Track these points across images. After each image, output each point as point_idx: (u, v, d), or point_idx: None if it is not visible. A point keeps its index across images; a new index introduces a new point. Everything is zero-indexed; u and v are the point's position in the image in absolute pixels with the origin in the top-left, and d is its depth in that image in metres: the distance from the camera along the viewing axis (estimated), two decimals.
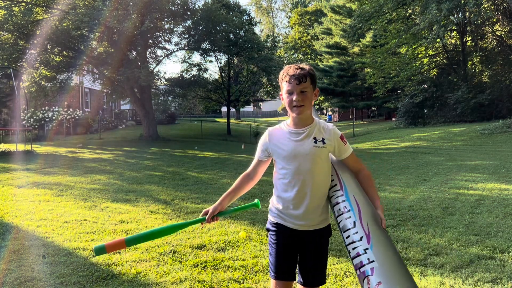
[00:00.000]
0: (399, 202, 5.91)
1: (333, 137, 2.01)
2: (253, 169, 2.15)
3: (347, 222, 1.86)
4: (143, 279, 3.26)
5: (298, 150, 1.97)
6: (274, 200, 2.09)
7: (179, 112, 41.31)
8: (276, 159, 2.04)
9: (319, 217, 2.02)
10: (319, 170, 1.98)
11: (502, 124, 16.30)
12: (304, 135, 1.99)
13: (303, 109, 1.96)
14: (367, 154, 13.20)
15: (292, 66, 2.00)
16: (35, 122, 23.69)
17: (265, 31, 64.67)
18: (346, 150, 2.05)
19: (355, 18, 23.07)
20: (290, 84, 1.96)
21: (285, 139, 2.01)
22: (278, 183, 2.05)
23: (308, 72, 1.97)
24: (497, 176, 7.59)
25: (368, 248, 1.73)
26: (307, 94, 1.96)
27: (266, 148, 2.08)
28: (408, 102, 25.10)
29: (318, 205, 2.00)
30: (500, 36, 24.00)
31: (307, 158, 1.95)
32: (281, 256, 2.04)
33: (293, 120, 2.03)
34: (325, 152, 1.99)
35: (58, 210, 5.56)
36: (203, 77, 24.97)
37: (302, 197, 1.97)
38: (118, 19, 15.72)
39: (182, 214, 5.41)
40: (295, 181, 1.97)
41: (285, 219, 2.03)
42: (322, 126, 2.04)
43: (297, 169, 1.96)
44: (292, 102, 1.96)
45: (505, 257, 3.60)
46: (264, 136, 2.10)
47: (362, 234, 1.78)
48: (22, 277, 3.24)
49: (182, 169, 10.02)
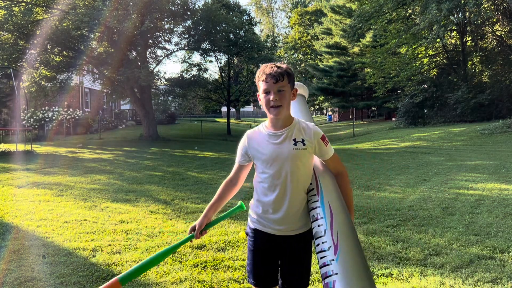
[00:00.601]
0: (399, 202, 5.91)
1: (313, 138, 1.92)
2: (235, 174, 2.08)
3: (319, 230, 1.81)
4: (143, 279, 3.26)
5: (277, 153, 1.89)
6: (253, 204, 2.03)
7: (179, 112, 41.34)
8: (256, 162, 1.97)
9: (299, 221, 1.94)
10: (300, 173, 1.90)
11: (502, 124, 16.30)
12: (283, 137, 1.91)
13: (281, 110, 1.88)
14: (367, 154, 13.20)
15: (269, 65, 1.92)
16: (35, 122, 23.69)
17: (265, 31, 64.69)
18: (327, 151, 1.96)
19: (355, 18, 23.07)
20: (266, 83, 1.88)
21: (264, 142, 1.94)
22: (258, 186, 1.99)
23: (285, 71, 1.90)
24: (497, 176, 7.59)
25: (334, 260, 1.68)
26: (285, 93, 1.88)
27: (245, 152, 2.00)
28: (408, 102, 25.09)
29: (298, 209, 1.93)
30: (500, 36, 24.00)
31: (287, 161, 1.88)
32: (259, 263, 1.98)
33: (271, 122, 1.95)
34: (306, 154, 1.91)
35: (58, 210, 5.56)
36: (203, 77, 24.97)
37: (281, 201, 1.90)
38: (118, 19, 15.72)
39: (182, 214, 5.42)
40: (275, 184, 1.90)
41: (264, 224, 1.97)
42: (302, 126, 1.95)
43: (277, 172, 1.89)
44: (269, 102, 1.88)
45: (505, 257, 3.60)
46: (242, 140, 2.03)
47: (330, 244, 1.73)
48: (22, 277, 3.24)
49: (182, 169, 10.02)
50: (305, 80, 44.25)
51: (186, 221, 5.07)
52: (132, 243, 4.16)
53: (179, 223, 4.97)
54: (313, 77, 43.64)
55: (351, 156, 12.72)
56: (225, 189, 2.08)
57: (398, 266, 3.49)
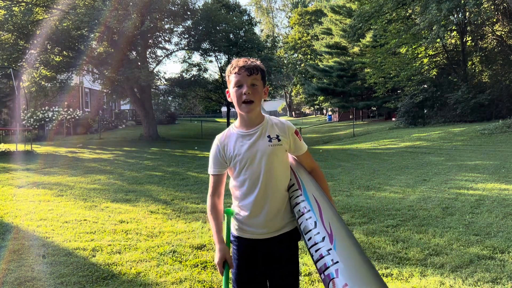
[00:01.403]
0: (399, 202, 5.91)
1: (287, 133, 1.86)
2: (215, 188, 1.92)
3: (308, 223, 1.74)
4: (143, 279, 3.26)
5: (253, 153, 1.81)
6: (235, 209, 1.93)
7: (179, 112, 41.33)
8: (232, 166, 1.86)
9: (282, 221, 1.86)
10: (277, 170, 1.83)
11: (502, 124, 16.29)
12: (256, 135, 1.83)
13: (253, 106, 1.80)
14: (367, 154, 13.20)
15: (242, 59, 1.86)
16: (35, 122, 23.70)
17: (265, 31, 64.65)
18: (301, 146, 1.91)
19: (355, 18, 23.06)
20: (239, 75, 1.79)
21: (238, 143, 1.84)
22: (235, 191, 1.89)
23: (259, 66, 1.84)
24: (497, 176, 7.59)
25: (331, 249, 1.62)
26: (258, 88, 1.81)
27: (221, 159, 1.88)
28: (408, 102, 25.08)
29: (279, 208, 1.85)
30: (500, 36, 24.00)
31: (264, 159, 1.79)
32: (243, 270, 1.89)
33: (242, 120, 1.86)
34: (281, 150, 1.84)
35: (58, 210, 5.56)
36: (203, 77, 24.98)
37: (262, 202, 1.81)
38: (118, 19, 15.72)
39: (182, 214, 5.42)
40: (255, 186, 1.81)
41: (245, 230, 1.87)
42: (275, 122, 1.88)
43: (255, 173, 1.80)
44: (241, 96, 1.78)
45: (505, 257, 3.60)
46: (214, 147, 1.91)
47: (324, 234, 1.67)
48: (22, 277, 3.24)
49: (182, 169, 10.01)
50: (305, 80, 44.23)
51: (186, 221, 5.07)
52: (132, 243, 4.16)
53: (179, 223, 4.97)
54: (313, 77, 43.59)
55: (351, 156, 12.72)
56: (215, 206, 1.91)
57: (398, 266, 3.49)
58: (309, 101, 49.99)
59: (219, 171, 1.91)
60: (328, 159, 11.91)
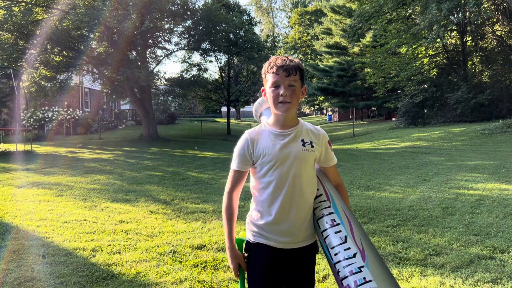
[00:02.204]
0: (399, 202, 5.91)
1: (321, 141, 1.79)
2: (234, 185, 1.82)
3: (336, 237, 1.64)
4: (143, 279, 3.26)
5: (285, 154, 1.72)
6: (254, 215, 1.80)
7: (179, 112, 41.31)
8: (258, 166, 1.76)
9: (305, 231, 1.77)
10: (307, 177, 1.74)
11: (502, 124, 16.29)
12: (291, 136, 1.75)
13: (291, 107, 1.71)
14: (367, 154, 13.20)
15: (280, 57, 1.76)
16: (35, 122, 23.69)
17: (265, 31, 64.64)
18: (332, 158, 1.84)
19: (355, 18, 23.07)
20: (277, 76, 1.71)
21: (269, 142, 1.74)
22: (259, 194, 1.77)
23: (298, 66, 1.74)
24: (497, 176, 7.59)
25: (364, 266, 1.54)
26: (296, 89, 1.72)
27: (248, 155, 1.78)
28: (408, 102, 25.08)
29: (305, 217, 1.76)
30: (500, 36, 24.00)
31: (295, 163, 1.71)
32: (266, 281, 1.75)
33: (277, 120, 1.77)
34: (312, 157, 1.76)
35: (58, 210, 5.56)
36: (203, 77, 24.96)
37: (288, 208, 1.72)
38: (118, 19, 15.71)
39: (182, 214, 5.41)
40: (281, 190, 1.71)
41: (267, 237, 1.75)
42: (310, 128, 1.81)
43: (283, 176, 1.71)
44: (278, 97, 1.70)
45: (505, 257, 3.59)
46: (242, 141, 1.80)
47: (355, 251, 1.59)
48: (22, 277, 3.24)
49: (182, 169, 10.01)
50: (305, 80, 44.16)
51: (186, 221, 5.06)
52: (132, 243, 4.16)
53: (179, 223, 4.96)
54: (313, 77, 43.60)
55: (351, 156, 12.72)
56: (232, 206, 1.81)
57: (398, 266, 3.49)
58: (309, 101, 50.03)
59: (242, 167, 1.80)
60: None
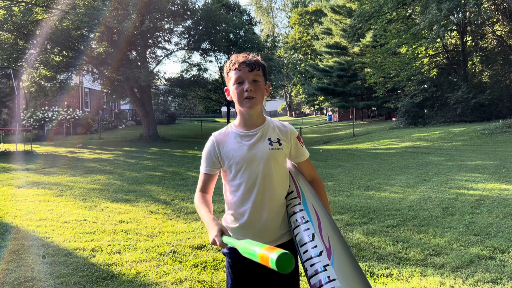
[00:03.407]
0: (399, 202, 5.91)
1: (289, 137, 1.77)
2: (204, 185, 1.79)
3: (305, 235, 1.63)
4: (143, 279, 3.26)
5: (252, 155, 1.70)
6: (228, 218, 1.79)
7: (179, 112, 41.34)
8: (227, 169, 1.74)
9: (280, 230, 1.76)
10: (277, 175, 1.72)
11: (502, 124, 16.28)
12: (257, 136, 1.73)
13: (256, 102, 1.69)
14: (367, 154, 13.20)
15: (241, 54, 1.76)
16: (35, 122, 23.70)
17: (265, 31, 64.63)
18: (303, 152, 1.82)
19: (355, 18, 23.05)
20: (239, 71, 1.70)
21: (236, 144, 1.73)
22: (230, 197, 1.76)
23: (260, 61, 1.74)
24: (497, 176, 7.58)
25: (329, 264, 1.52)
26: (260, 84, 1.71)
27: (215, 158, 1.76)
28: (408, 102, 25.07)
29: (278, 216, 1.74)
30: (500, 36, 24.00)
31: (263, 163, 1.69)
32: (239, 284, 1.76)
33: (243, 119, 1.75)
34: (281, 155, 1.74)
35: (58, 210, 5.56)
36: (203, 77, 24.97)
37: (259, 209, 1.70)
38: (118, 19, 15.72)
39: (182, 214, 5.41)
40: (251, 191, 1.70)
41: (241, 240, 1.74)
42: (276, 125, 1.78)
43: (252, 177, 1.69)
44: (243, 92, 1.68)
45: (505, 257, 3.59)
46: (209, 144, 1.78)
47: (322, 249, 1.56)
48: (22, 277, 3.24)
49: (182, 169, 10.01)
50: (305, 80, 44.22)
51: (186, 221, 5.06)
52: (132, 243, 4.16)
53: (179, 223, 4.97)
54: (313, 77, 43.59)
55: (351, 156, 12.72)
56: (204, 198, 1.77)
57: (398, 266, 3.49)
58: (309, 101, 49.98)
59: (210, 170, 1.78)
60: (328, 159, 11.91)
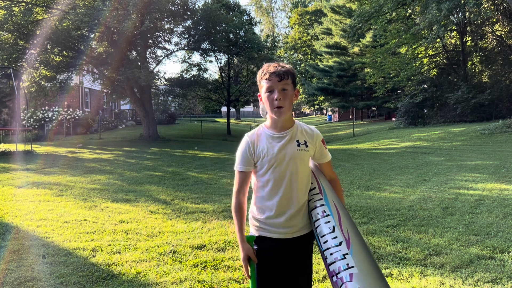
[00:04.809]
0: (399, 202, 5.91)
1: (315, 140, 1.97)
2: (241, 185, 1.95)
3: (326, 227, 1.82)
4: (143, 279, 3.27)
5: (282, 155, 1.89)
6: (255, 210, 1.97)
7: (179, 112, 41.32)
8: (259, 165, 1.93)
9: (302, 222, 1.95)
10: (302, 174, 1.93)
11: (502, 124, 16.27)
12: (287, 138, 1.92)
13: (284, 111, 1.89)
14: (367, 154, 13.20)
15: (272, 64, 1.93)
16: (35, 122, 23.70)
17: (265, 31, 64.60)
18: (326, 155, 2.03)
19: (355, 18, 23.05)
20: (270, 81, 1.87)
21: (267, 144, 1.92)
22: (260, 191, 1.95)
23: (289, 70, 1.91)
24: (497, 176, 7.58)
25: (348, 254, 1.70)
26: (288, 92, 1.89)
27: (250, 157, 1.93)
28: (408, 102, 25.07)
29: (301, 209, 1.94)
30: (500, 36, 23.99)
31: (291, 162, 1.89)
32: (266, 270, 1.92)
33: (273, 123, 1.94)
34: (307, 156, 1.95)
35: (58, 210, 5.56)
36: (203, 77, 24.96)
37: (286, 203, 1.91)
38: (118, 19, 15.71)
39: (182, 214, 5.41)
40: (279, 187, 1.90)
41: (269, 230, 1.93)
42: (304, 129, 1.98)
43: (281, 174, 1.89)
44: (273, 101, 1.87)
45: (505, 257, 3.60)
46: (244, 145, 1.96)
47: (341, 239, 1.75)
48: (22, 277, 3.24)
49: (182, 169, 10.01)
50: (305, 80, 44.22)
51: (186, 221, 5.07)
52: (132, 243, 4.16)
53: (179, 223, 4.97)
54: (313, 77, 43.61)
55: (351, 156, 12.72)
56: (241, 204, 1.94)
57: (398, 266, 3.49)
58: (309, 101, 50.00)
59: (246, 168, 1.95)
60: None
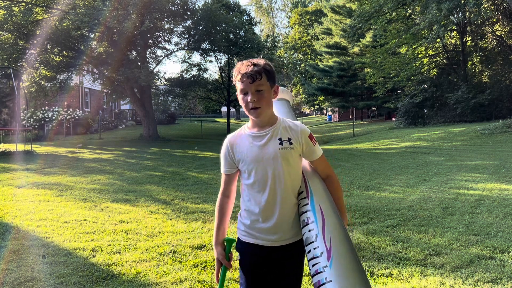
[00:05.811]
0: (399, 202, 5.91)
1: (300, 136, 1.80)
2: (226, 186, 1.90)
3: (310, 235, 1.68)
4: (143, 279, 3.26)
5: (263, 154, 1.77)
6: (242, 215, 1.88)
7: (179, 112, 41.36)
8: (241, 168, 1.83)
9: (292, 229, 1.80)
10: (288, 175, 1.77)
11: (502, 124, 16.27)
12: (268, 137, 1.79)
13: (261, 111, 1.76)
14: (367, 154, 13.20)
15: (244, 63, 1.78)
16: (35, 122, 23.70)
17: (265, 31, 64.60)
18: (315, 151, 1.84)
19: (355, 18, 23.06)
20: (242, 83, 1.75)
21: (248, 145, 1.81)
22: (245, 194, 1.85)
23: (263, 68, 1.75)
24: (497, 176, 7.58)
25: (327, 266, 1.54)
26: (264, 93, 1.75)
27: (230, 159, 1.86)
28: (408, 102, 25.07)
29: (289, 215, 1.79)
30: (500, 36, 23.99)
31: (274, 162, 1.75)
32: (251, 278, 1.83)
33: (253, 122, 1.83)
34: (293, 154, 1.78)
35: (58, 210, 5.56)
36: (203, 77, 24.99)
37: (272, 207, 1.77)
38: (118, 19, 15.72)
39: (182, 214, 5.41)
40: (264, 190, 1.77)
41: (255, 236, 1.82)
42: (288, 125, 1.82)
43: (264, 175, 1.76)
44: (248, 104, 1.75)
45: (505, 257, 3.60)
46: (224, 147, 1.88)
47: (322, 249, 1.60)
48: (22, 277, 3.24)
49: (182, 169, 10.01)
50: (305, 80, 44.21)
51: (186, 221, 5.07)
52: (132, 243, 4.16)
53: (179, 223, 4.97)
54: (313, 77, 43.59)
55: (351, 156, 12.72)
56: (222, 205, 1.90)
57: (398, 266, 3.49)
58: (309, 101, 49.96)
59: (229, 170, 1.88)
60: (328, 159, 11.78)
